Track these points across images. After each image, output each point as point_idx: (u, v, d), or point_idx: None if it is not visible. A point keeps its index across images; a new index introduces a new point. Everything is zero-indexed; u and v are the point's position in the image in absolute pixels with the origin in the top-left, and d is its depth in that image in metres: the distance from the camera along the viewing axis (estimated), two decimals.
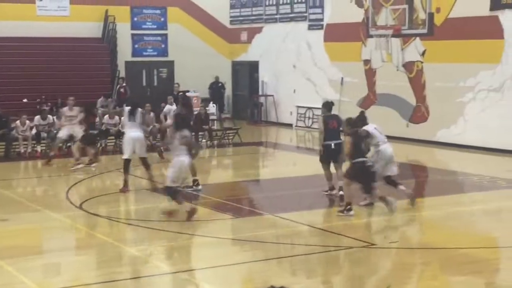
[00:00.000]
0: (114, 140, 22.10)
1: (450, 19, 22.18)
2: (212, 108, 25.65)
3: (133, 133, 15.26)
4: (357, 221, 13.09)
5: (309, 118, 27.43)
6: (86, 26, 28.93)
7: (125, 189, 15.40)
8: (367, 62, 25.28)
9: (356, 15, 25.36)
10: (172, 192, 12.84)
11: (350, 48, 25.75)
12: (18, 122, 21.24)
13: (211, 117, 24.52)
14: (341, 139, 14.44)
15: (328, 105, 15.07)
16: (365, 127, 13.66)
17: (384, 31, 24.21)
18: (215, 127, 24.63)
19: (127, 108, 15.56)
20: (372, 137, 13.63)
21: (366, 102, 25.26)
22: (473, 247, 11.16)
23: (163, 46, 30.87)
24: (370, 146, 13.67)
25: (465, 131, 21.87)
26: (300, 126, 27.67)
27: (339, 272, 10.42)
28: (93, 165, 18.55)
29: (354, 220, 13.02)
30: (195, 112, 23.41)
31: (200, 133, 23.04)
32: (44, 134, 21.35)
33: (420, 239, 12.21)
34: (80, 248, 11.69)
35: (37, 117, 21.56)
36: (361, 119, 13.96)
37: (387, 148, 13.78)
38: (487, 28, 21.10)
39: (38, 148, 21.15)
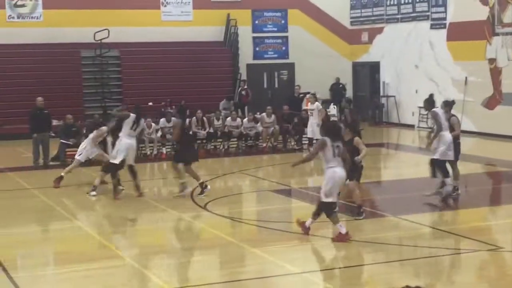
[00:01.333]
0: (236, 142, 22.43)
1: None
2: (333, 109, 25.59)
3: (129, 141, 15.36)
4: (483, 224, 12.79)
5: (429, 119, 26.92)
6: (209, 30, 29.51)
7: (117, 196, 15.29)
8: (492, 61, 24.62)
9: (480, 12, 24.74)
10: (326, 207, 11.72)
11: (474, 46, 25.15)
12: (144, 124, 21.83)
13: (332, 118, 24.43)
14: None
15: (449, 104, 14.88)
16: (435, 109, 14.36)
17: (510, 29, 23.51)
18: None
19: (133, 116, 15.59)
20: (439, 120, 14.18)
21: (491, 102, 24.61)
22: None
23: (283, 48, 31.06)
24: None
25: None
26: (422, 127, 27.23)
27: (464, 275, 10.18)
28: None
29: (479, 223, 12.71)
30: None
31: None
32: (169, 136, 21.88)
33: None
34: (205, 248, 11.92)
35: (162, 120, 22.12)
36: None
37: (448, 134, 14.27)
38: None
39: (164, 150, 21.71)
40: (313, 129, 21.10)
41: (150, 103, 26.00)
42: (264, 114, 22.73)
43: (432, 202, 14.41)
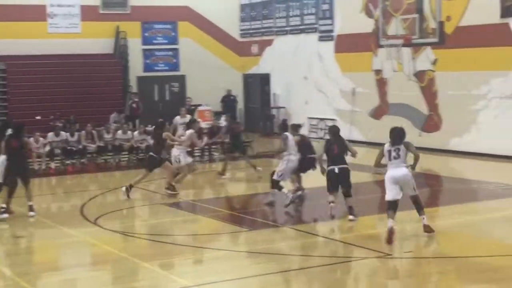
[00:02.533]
0: (127, 155, 22.20)
1: (461, 27, 22.17)
2: (224, 121, 25.65)
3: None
4: (372, 232, 13.07)
5: (321, 129, 27.41)
6: (98, 43, 29.08)
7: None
8: (378, 72, 25.29)
9: (366, 25, 25.39)
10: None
11: (361, 58, 25.77)
12: (31, 139, 21.33)
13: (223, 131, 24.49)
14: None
15: (295, 127, 15.91)
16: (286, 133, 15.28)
17: (394, 41, 24.22)
18: (227, 140, 24.59)
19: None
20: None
21: (378, 112, 25.25)
22: (490, 255, 11.08)
23: (174, 60, 30.97)
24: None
25: (478, 139, 21.79)
26: (312, 138, 27.62)
27: (356, 282, 10.37)
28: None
29: (368, 231, 12.99)
30: (208, 126, 23.55)
31: (212, 146, 23.11)
32: (57, 151, 21.45)
33: (435, 249, 12.14)
34: (96, 264, 11.70)
35: (51, 134, 21.66)
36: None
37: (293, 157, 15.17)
38: (498, 36, 21.07)
39: (52, 165, 21.24)
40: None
41: (38, 117, 25.38)
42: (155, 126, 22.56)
43: (323, 211, 14.63)
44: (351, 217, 13.54)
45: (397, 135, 12.30)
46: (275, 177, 15.09)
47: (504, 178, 17.78)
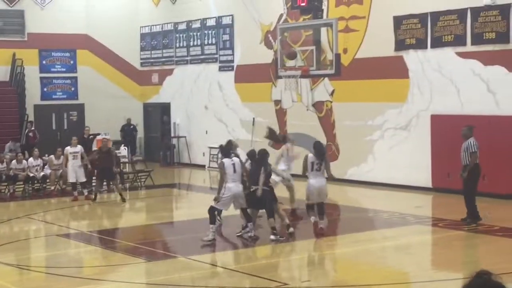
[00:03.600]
0: (22, 185, 21.68)
1: (357, 60, 22.76)
2: (123, 150, 25.46)
3: None
4: (269, 261, 13.16)
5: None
6: None
7: None
8: (277, 102, 25.62)
9: (265, 56, 25.74)
10: None
11: (260, 88, 26.07)
12: None
13: (123, 159, 24.33)
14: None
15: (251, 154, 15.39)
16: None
17: (293, 72, 24.58)
18: (126, 169, 24.41)
19: None
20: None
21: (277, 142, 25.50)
22: (385, 283, 11.32)
23: (73, 89, 30.54)
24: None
25: (375, 169, 22.33)
26: (212, 167, 27.70)
27: None
28: None
29: (265, 260, 13.07)
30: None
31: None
32: None
33: (333, 277, 12.32)
34: None
35: None
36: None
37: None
38: (392, 68, 21.72)
39: None
40: (76, 173, 20.77)
41: None
42: (52, 156, 22.16)
43: (223, 241, 14.65)
44: (272, 237, 14.05)
45: (320, 151, 14.78)
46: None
47: (399, 207, 18.23)
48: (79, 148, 20.96)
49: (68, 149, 20.91)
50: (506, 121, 18.91)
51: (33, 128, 26.88)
